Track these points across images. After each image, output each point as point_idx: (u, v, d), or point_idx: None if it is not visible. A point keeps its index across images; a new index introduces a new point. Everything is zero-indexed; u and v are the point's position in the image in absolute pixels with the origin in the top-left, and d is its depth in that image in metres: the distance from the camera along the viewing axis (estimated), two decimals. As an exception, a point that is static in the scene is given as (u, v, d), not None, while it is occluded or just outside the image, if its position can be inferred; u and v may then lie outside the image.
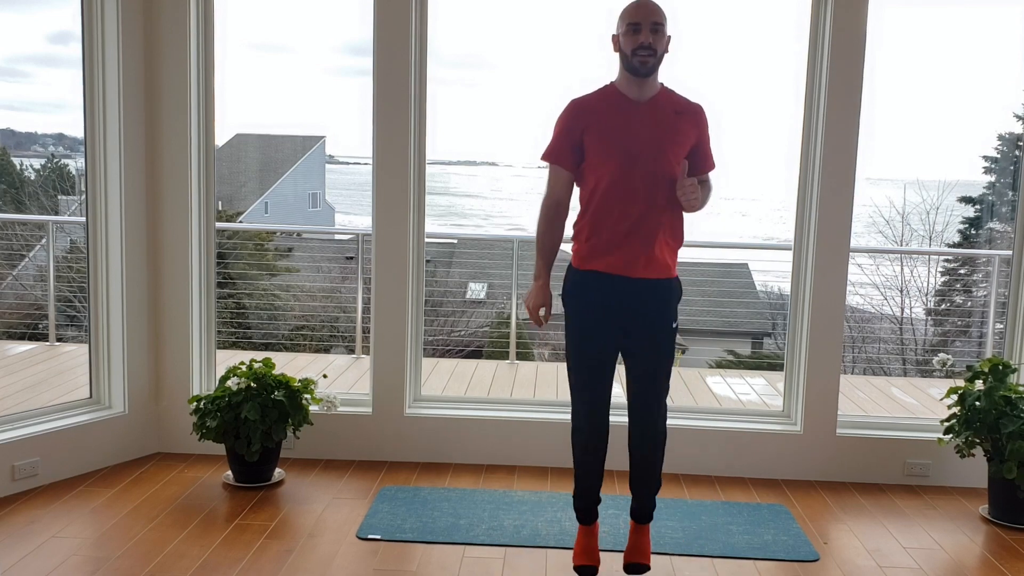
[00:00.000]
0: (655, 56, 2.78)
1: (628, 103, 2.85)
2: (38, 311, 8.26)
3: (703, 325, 10.02)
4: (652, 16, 2.77)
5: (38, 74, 16.50)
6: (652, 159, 2.82)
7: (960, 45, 15.14)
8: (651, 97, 2.86)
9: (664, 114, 2.85)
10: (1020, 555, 3.43)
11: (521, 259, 6.46)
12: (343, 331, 9.11)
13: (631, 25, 2.78)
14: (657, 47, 2.78)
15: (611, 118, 2.85)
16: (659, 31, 2.78)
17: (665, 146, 2.83)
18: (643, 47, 2.76)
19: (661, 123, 2.85)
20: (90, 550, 3.20)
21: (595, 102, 2.90)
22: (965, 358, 8.78)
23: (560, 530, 3.47)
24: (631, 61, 2.79)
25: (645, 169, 2.82)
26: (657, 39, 2.78)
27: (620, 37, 2.83)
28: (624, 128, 2.83)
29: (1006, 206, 12.12)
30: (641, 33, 2.76)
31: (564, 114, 2.92)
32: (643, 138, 2.82)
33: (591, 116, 2.87)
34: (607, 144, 2.84)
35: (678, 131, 2.86)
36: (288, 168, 19.28)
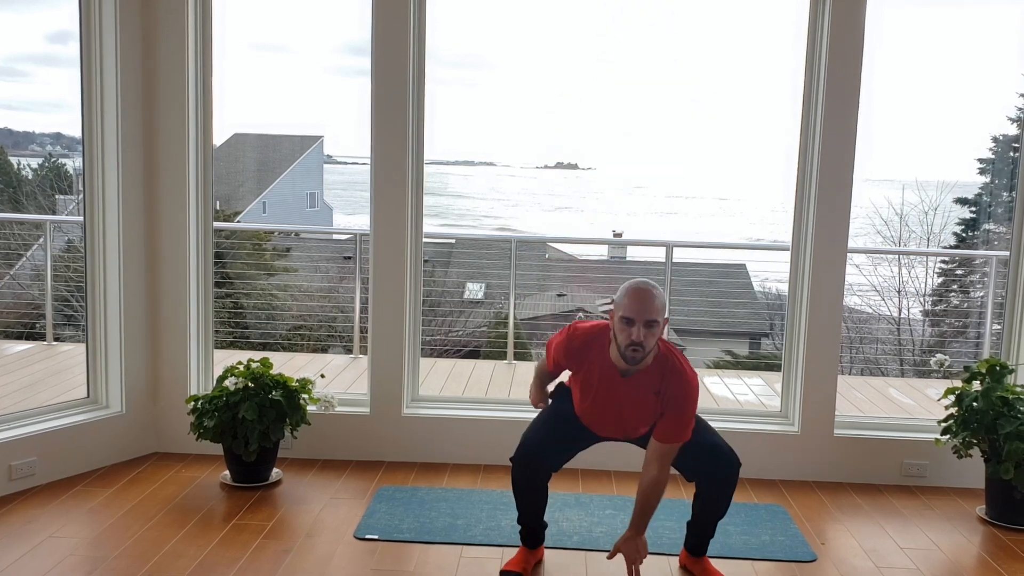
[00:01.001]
0: (643, 351, 2.83)
1: (614, 374, 2.93)
2: (35, 311, 8.25)
3: (701, 326, 10.03)
4: (647, 315, 2.79)
5: (37, 73, 16.49)
6: (617, 424, 3.04)
7: (956, 47, 15.17)
8: (637, 373, 2.91)
9: (642, 394, 2.93)
10: (1017, 555, 3.43)
11: (519, 259, 6.46)
12: (341, 331, 9.11)
13: (625, 319, 2.82)
14: (647, 344, 2.82)
15: (595, 383, 2.97)
16: (653, 327, 2.82)
17: (634, 421, 3.00)
18: (634, 344, 2.81)
19: (637, 403, 2.95)
20: (87, 550, 3.20)
21: (589, 359, 2.96)
22: (962, 359, 8.79)
23: (558, 531, 3.47)
24: (623, 351, 2.85)
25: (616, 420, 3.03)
26: (649, 335, 2.81)
27: (616, 319, 2.86)
28: (605, 396, 2.97)
29: (1001, 207, 12.14)
30: (634, 329, 2.80)
31: (560, 346, 3.03)
32: (617, 409, 2.98)
33: (581, 369, 2.99)
34: (585, 395, 3.01)
35: (649, 411, 2.95)
36: (286, 168, 19.27)
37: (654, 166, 41.96)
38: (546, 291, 12.05)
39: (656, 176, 39.61)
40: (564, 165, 40.53)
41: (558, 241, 18.83)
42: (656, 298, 2.82)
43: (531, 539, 3.19)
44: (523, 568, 3.13)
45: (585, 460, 3.80)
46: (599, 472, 4.12)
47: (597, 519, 3.61)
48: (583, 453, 3.19)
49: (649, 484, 2.94)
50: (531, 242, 12.44)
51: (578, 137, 44.95)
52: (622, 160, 42.42)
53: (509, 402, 4.59)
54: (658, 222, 29.07)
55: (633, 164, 42.13)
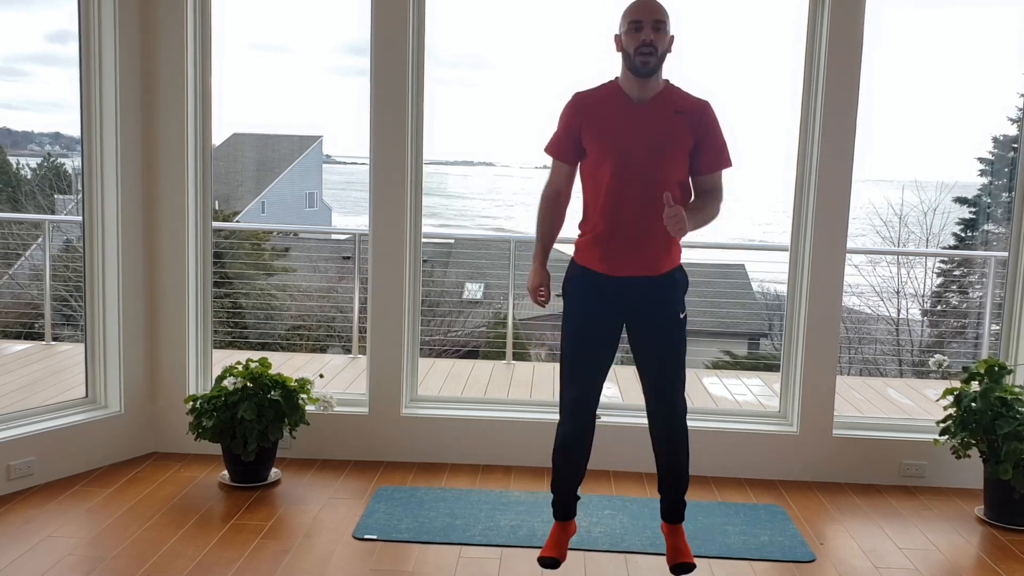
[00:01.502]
0: (656, 55, 2.77)
1: (628, 102, 2.85)
2: (34, 310, 8.25)
3: (700, 326, 10.02)
4: (654, 14, 2.76)
5: (36, 73, 16.49)
6: (648, 160, 2.82)
7: (956, 47, 15.18)
8: (652, 96, 2.84)
9: (663, 114, 2.84)
10: (1015, 556, 3.44)
11: (518, 259, 6.46)
12: (340, 331, 9.11)
13: (633, 23, 2.77)
14: (659, 46, 2.76)
15: (609, 117, 2.86)
16: (661, 29, 2.77)
17: (662, 148, 2.83)
18: (644, 45, 2.75)
19: (659, 124, 2.83)
20: (86, 550, 3.20)
21: (596, 99, 2.90)
22: (961, 359, 8.79)
23: (556, 530, 3.46)
24: (632, 60, 2.78)
25: (641, 169, 2.82)
26: (659, 37, 2.76)
27: (622, 36, 2.82)
28: (621, 129, 2.84)
29: (1001, 208, 12.15)
30: (643, 31, 2.75)
31: (566, 109, 2.94)
32: (639, 139, 2.82)
33: (590, 114, 2.88)
34: (603, 144, 2.85)
35: (677, 131, 2.84)
36: (285, 168, 19.27)
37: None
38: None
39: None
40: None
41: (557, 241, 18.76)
42: (661, 4, 2.79)
43: (564, 511, 3.10)
44: (559, 552, 3.05)
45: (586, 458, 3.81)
46: (598, 472, 4.12)
47: (596, 519, 3.61)
48: None
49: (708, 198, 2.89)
50: (530, 242, 12.42)
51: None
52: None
53: (508, 402, 4.59)
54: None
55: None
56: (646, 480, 4.08)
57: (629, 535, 3.47)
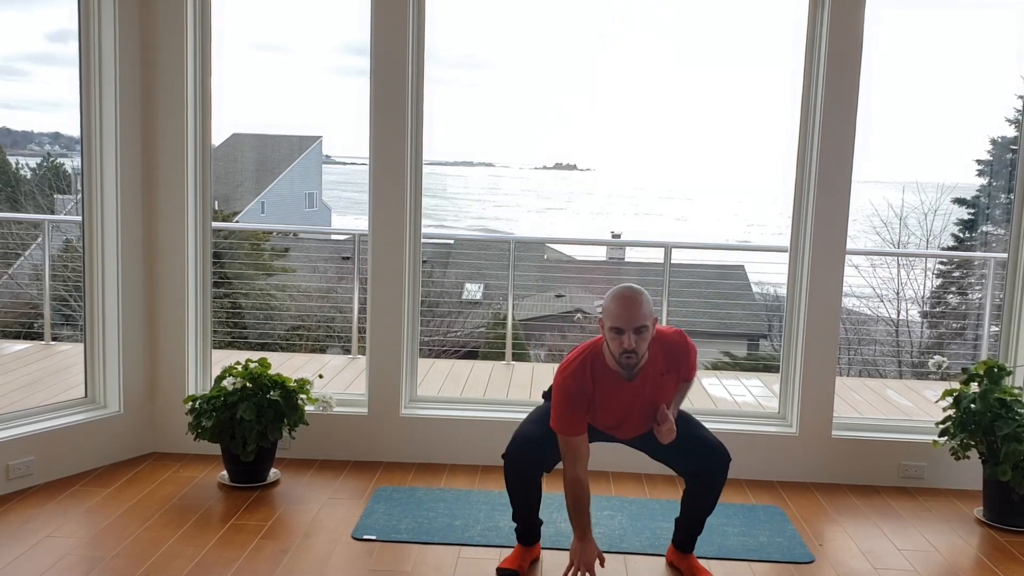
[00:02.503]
0: (637, 356, 2.83)
1: (619, 381, 2.93)
2: (33, 310, 8.25)
3: (699, 327, 10.03)
4: (634, 322, 2.78)
5: (36, 72, 16.49)
6: (643, 420, 3.02)
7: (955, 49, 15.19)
8: (640, 370, 2.91)
9: (651, 384, 2.95)
10: (1014, 557, 3.44)
11: (517, 260, 6.46)
12: (339, 331, 9.11)
13: (614, 328, 2.81)
14: (640, 349, 2.81)
15: (606, 399, 2.96)
16: (643, 332, 2.80)
17: (655, 406, 3.00)
18: (627, 352, 2.80)
19: (651, 392, 2.96)
20: (85, 550, 3.20)
21: (592, 386, 2.94)
22: (960, 360, 8.79)
23: (556, 531, 3.47)
24: (618, 359, 2.84)
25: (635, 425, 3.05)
26: (640, 340, 2.80)
27: (606, 328, 2.84)
28: (617, 407, 2.97)
29: (999, 209, 12.15)
30: (624, 337, 2.79)
31: (573, 396, 2.92)
32: (634, 412, 2.99)
33: (591, 398, 2.95)
34: (603, 420, 3.01)
35: (667, 389, 2.99)
36: (285, 168, 19.26)
37: (653, 167, 42.00)
38: (544, 292, 12.05)
39: (655, 177, 39.64)
40: (562, 166, 40.54)
41: (556, 242, 18.82)
42: (642, 304, 2.80)
43: (526, 537, 3.19)
44: (519, 566, 3.14)
45: (583, 461, 3.81)
46: (597, 473, 4.11)
47: (595, 520, 3.60)
48: None
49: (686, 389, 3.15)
50: (529, 243, 12.44)
51: (576, 138, 45.01)
52: (621, 161, 42.47)
53: (507, 402, 4.59)
54: (657, 223, 29.11)
55: (632, 165, 42.17)
56: (645, 481, 4.08)
57: (628, 536, 3.47)
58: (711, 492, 3.07)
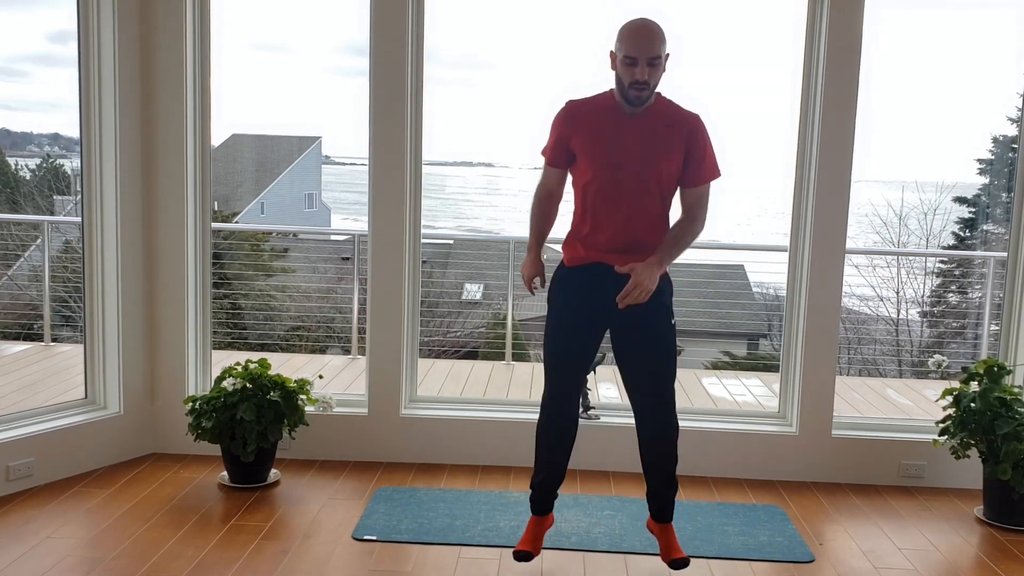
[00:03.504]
0: (649, 88, 2.79)
1: (619, 115, 2.88)
2: (33, 311, 8.25)
3: (699, 326, 10.03)
4: (649, 51, 2.74)
5: (37, 73, 16.49)
6: (638, 171, 2.87)
7: (955, 48, 15.19)
8: (644, 110, 2.87)
9: (654, 127, 2.87)
10: (1014, 556, 3.44)
11: (517, 260, 6.46)
12: (339, 332, 9.11)
13: (628, 57, 2.77)
14: (652, 81, 2.78)
15: (600, 128, 2.88)
16: (656, 65, 2.77)
17: (651, 159, 2.87)
18: (638, 83, 2.77)
19: (650, 136, 2.86)
20: (85, 551, 3.20)
21: (588, 109, 2.92)
22: (960, 360, 8.80)
23: (556, 531, 3.46)
24: (626, 91, 2.80)
25: (630, 180, 2.87)
26: (653, 73, 2.77)
27: (617, 60, 2.82)
28: (611, 140, 2.87)
29: (1000, 208, 12.15)
30: (637, 68, 2.75)
31: (558, 117, 2.96)
32: (631, 151, 2.86)
33: (581, 123, 2.91)
34: (592, 154, 2.90)
35: (667, 144, 2.87)
36: (284, 168, 19.27)
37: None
38: (544, 292, 12.03)
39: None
40: (562, 166, 40.44)
41: (556, 242, 18.77)
42: (658, 34, 2.77)
43: (541, 505, 3.15)
44: (533, 546, 3.10)
45: (583, 461, 3.82)
46: (597, 473, 4.12)
47: (596, 519, 3.61)
48: (576, 454, 3.16)
49: (686, 223, 2.92)
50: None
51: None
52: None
53: (507, 403, 4.59)
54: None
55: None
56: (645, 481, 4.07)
57: (628, 536, 3.47)
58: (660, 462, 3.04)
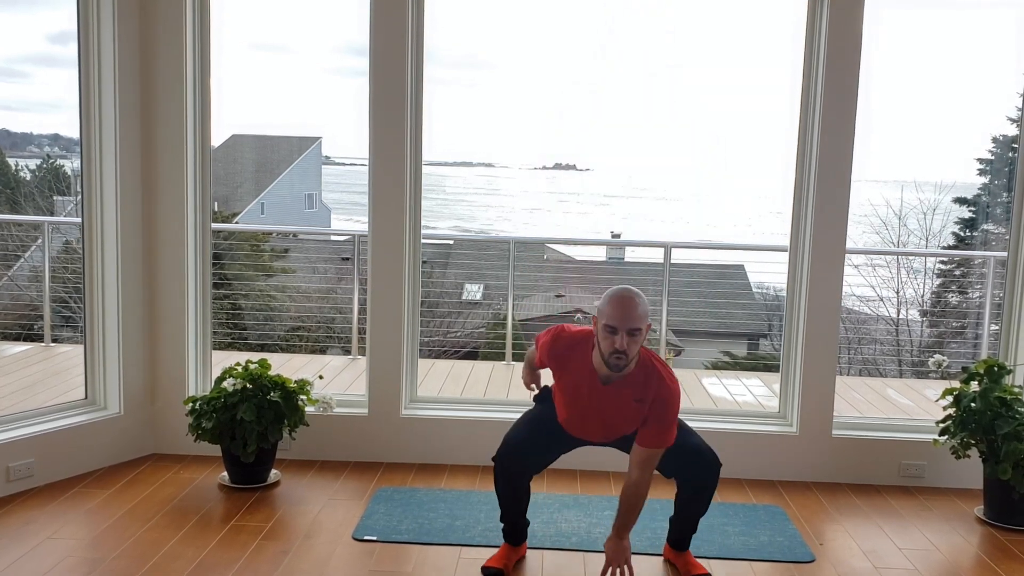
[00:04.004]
0: (627, 359, 2.82)
1: (595, 381, 2.93)
2: (33, 312, 8.25)
3: (699, 326, 10.04)
4: (629, 323, 2.78)
5: (37, 74, 16.49)
6: (602, 431, 3.05)
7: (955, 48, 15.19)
8: (618, 379, 2.90)
9: (624, 401, 2.92)
10: (1015, 556, 3.44)
11: (517, 260, 6.46)
12: (339, 332, 9.11)
13: (608, 326, 2.80)
14: (631, 351, 2.81)
15: (576, 388, 2.98)
16: (636, 335, 2.80)
17: (614, 429, 3.02)
18: (617, 352, 2.80)
19: (618, 409, 2.94)
20: (85, 551, 3.20)
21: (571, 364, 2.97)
22: (961, 359, 8.80)
23: (556, 532, 3.47)
24: (606, 358, 2.84)
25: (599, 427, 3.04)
26: (632, 343, 2.80)
27: (599, 325, 2.85)
28: (584, 401, 2.97)
29: (1000, 207, 12.15)
30: (617, 337, 2.79)
31: (546, 345, 3.04)
32: (598, 418, 2.99)
33: (563, 373, 3.01)
34: (567, 408, 3.04)
35: (632, 418, 2.95)
36: (284, 169, 19.28)
37: (653, 167, 41.99)
38: (544, 292, 12.05)
39: (655, 177, 39.64)
40: (562, 166, 40.54)
41: (556, 242, 18.82)
42: (639, 306, 2.80)
43: (513, 536, 3.21)
44: (504, 564, 3.14)
45: (583, 461, 3.81)
46: (597, 473, 4.12)
47: (596, 520, 3.61)
48: (577, 454, 3.21)
49: (632, 488, 2.95)
50: (529, 243, 12.45)
51: (576, 138, 44.99)
52: (620, 161, 42.46)
53: (507, 403, 4.58)
54: (656, 223, 29.12)
55: (631, 165, 42.16)
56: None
57: (629, 536, 3.47)
58: (702, 497, 3.07)
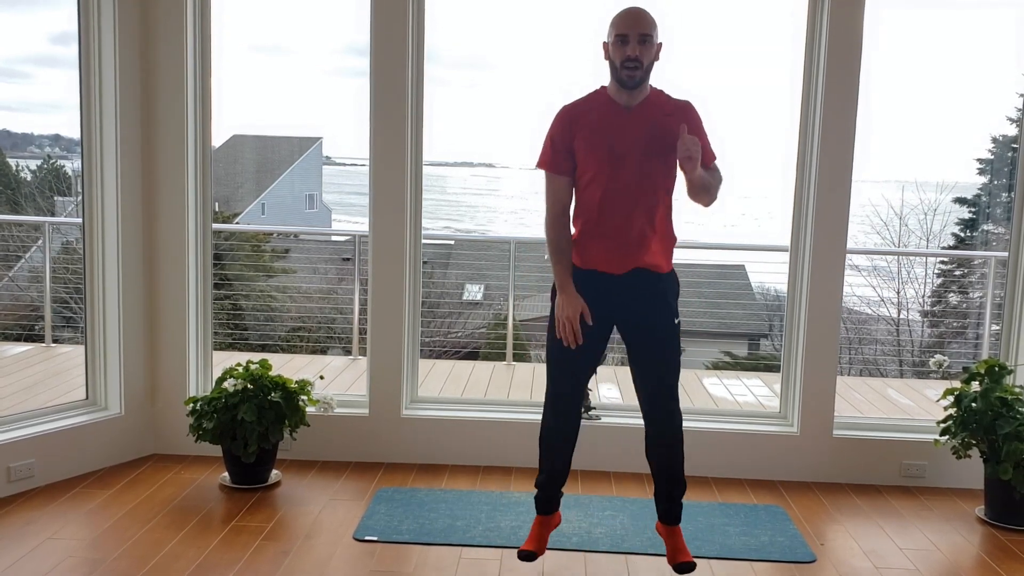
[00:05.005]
0: (642, 68, 2.78)
1: (617, 108, 2.87)
2: (34, 312, 8.24)
3: (700, 327, 10.02)
4: (639, 28, 2.75)
5: (38, 75, 16.48)
6: (640, 162, 2.85)
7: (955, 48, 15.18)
8: (640, 102, 2.87)
9: (653, 117, 2.86)
10: (1016, 556, 3.44)
11: (518, 260, 6.46)
12: (340, 332, 9.11)
13: (619, 36, 2.77)
14: (644, 59, 2.77)
15: (600, 124, 2.87)
16: (647, 42, 2.76)
17: (654, 148, 2.85)
18: (630, 60, 2.75)
19: (650, 126, 2.85)
20: (86, 552, 3.20)
21: (584, 108, 2.91)
22: (961, 360, 8.79)
23: (557, 532, 3.46)
24: (619, 73, 2.79)
25: (633, 171, 2.85)
26: (644, 51, 2.76)
27: (609, 46, 2.82)
28: (612, 133, 2.86)
29: (1000, 208, 12.14)
30: (628, 44, 2.75)
31: (555, 122, 2.93)
32: (631, 142, 2.84)
33: (580, 122, 2.89)
34: (595, 149, 2.87)
35: (667, 132, 2.85)
36: (285, 169, 19.26)
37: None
38: (545, 292, 12.04)
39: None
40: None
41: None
42: (647, 13, 2.78)
43: (547, 504, 3.13)
44: (538, 546, 3.09)
45: (584, 461, 3.82)
46: (598, 473, 4.12)
47: (597, 520, 3.61)
48: (577, 454, 3.13)
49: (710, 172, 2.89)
50: (530, 243, 12.44)
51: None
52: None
53: (508, 403, 4.59)
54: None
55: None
56: (646, 481, 4.07)
57: (630, 536, 3.47)
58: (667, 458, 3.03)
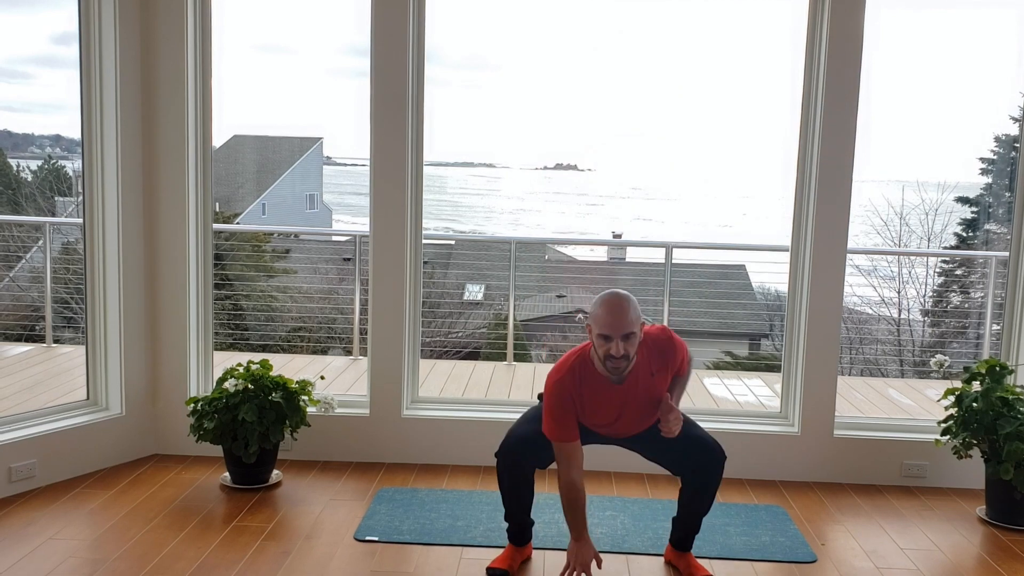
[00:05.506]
0: (627, 360, 2.83)
1: (607, 383, 2.93)
2: (35, 312, 8.25)
3: (700, 327, 10.02)
4: (622, 328, 2.79)
5: (40, 75, 16.49)
6: (634, 417, 3.01)
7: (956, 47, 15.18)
8: (629, 373, 2.91)
9: (642, 385, 2.95)
10: (1017, 556, 3.43)
11: (518, 260, 6.46)
12: (340, 332, 9.11)
13: (602, 336, 2.81)
14: (629, 352, 2.82)
15: (597, 401, 2.96)
16: (631, 339, 2.81)
17: (647, 407, 2.99)
18: (613, 357, 2.81)
19: (642, 392, 2.96)
20: (87, 552, 3.20)
21: (580, 386, 2.95)
22: (962, 359, 8.79)
23: (557, 532, 3.46)
24: (604, 366, 2.86)
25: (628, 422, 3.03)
26: (628, 346, 2.81)
27: (594, 334, 2.85)
28: (609, 410, 2.98)
29: (1002, 207, 12.14)
30: (612, 343, 2.79)
31: (561, 399, 2.95)
32: (628, 412, 2.99)
33: (578, 402, 2.96)
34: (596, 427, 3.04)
35: (658, 389, 2.97)
36: (286, 169, 19.27)
37: (653, 168, 41.98)
38: (545, 292, 12.05)
39: (656, 177, 39.64)
40: (563, 166, 40.53)
41: (557, 242, 18.83)
42: (630, 310, 2.81)
43: (518, 537, 3.20)
44: (509, 565, 3.14)
45: (584, 461, 3.81)
46: (599, 473, 4.12)
47: (597, 520, 3.61)
48: None
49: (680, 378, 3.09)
50: (531, 243, 12.46)
51: (576, 138, 44.99)
52: (621, 161, 42.45)
53: (509, 403, 4.59)
54: (657, 223, 29.13)
55: (632, 165, 42.15)
56: (647, 481, 4.08)
57: (631, 536, 3.47)
58: (707, 491, 3.07)
